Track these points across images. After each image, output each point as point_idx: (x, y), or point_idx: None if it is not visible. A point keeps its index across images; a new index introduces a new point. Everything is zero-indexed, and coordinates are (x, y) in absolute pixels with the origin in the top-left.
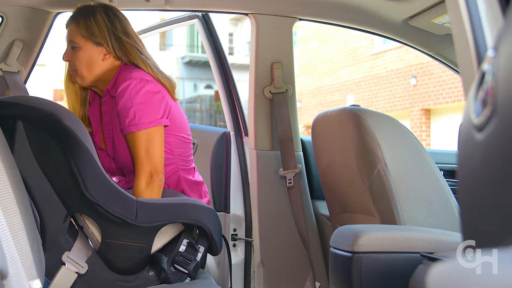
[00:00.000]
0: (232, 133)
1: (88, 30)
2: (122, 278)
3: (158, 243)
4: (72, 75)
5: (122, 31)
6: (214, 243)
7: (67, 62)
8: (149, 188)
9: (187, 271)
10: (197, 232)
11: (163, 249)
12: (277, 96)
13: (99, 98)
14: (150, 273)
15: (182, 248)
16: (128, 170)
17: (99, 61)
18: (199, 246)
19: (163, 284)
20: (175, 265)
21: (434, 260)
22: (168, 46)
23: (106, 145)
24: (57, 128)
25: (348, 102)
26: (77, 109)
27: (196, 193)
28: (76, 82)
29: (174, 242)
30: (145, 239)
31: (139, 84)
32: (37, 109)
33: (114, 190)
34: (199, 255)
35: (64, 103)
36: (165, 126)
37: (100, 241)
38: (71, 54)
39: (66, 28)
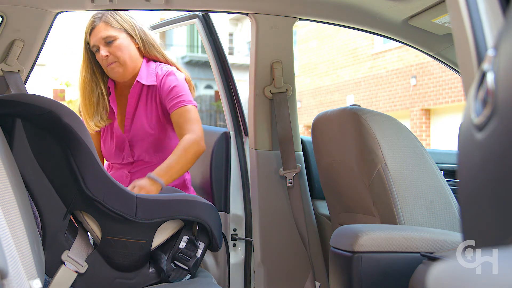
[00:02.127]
0: (232, 133)
1: (118, 22)
2: (123, 275)
3: (158, 239)
4: (113, 67)
5: (141, 27)
6: (214, 240)
7: (84, 65)
8: (195, 145)
9: (187, 268)
10: (197, 228)
11: (163, 246)
12: (277, 96)
13: (114, 86)
14: (150, 270)
15: (182, 244)
16: (142, 148)
17: (133, 48)
18: (199, 242)
19: (164, 283)
20: (175, 261)
21: (434, 260)
22: (168, 46)
23: (124, 126)
24: (56, 125)
25: (348, 102)
26: (95, 105)
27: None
28: (118, 73)
29: (174, 238)
30: (145, 235)
31: (177, 73)
32: (36, 106)
33: (113, 186)
34: (199, 252)
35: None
36: None
37: (100, 238)
38: (108, 49)
39: (91, 31)
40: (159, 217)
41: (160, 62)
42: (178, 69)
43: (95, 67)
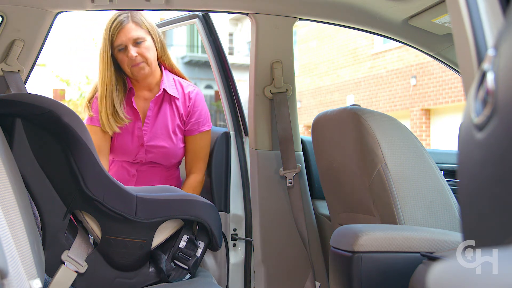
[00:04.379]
0: (232, 133)
1: (145, 24)
2: (123, 275)
3: (158, 239)
4: (141, 67)
5: (160, 33)
6: (214, 239)
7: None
8: (201, 185)
9: (187, 267)
10: (197, 228)
11: (163, 245)
12: (277, 96)
13: (133, 90)
14: (150, 270)
15: (182, 244)
16: (157, 152)
17: (156, 52)
18: (199, 242)
19: (163, 283)
20: (175, 261)
21: (434, 259)
22: (168, 46)
23: (143, 128)
24: (56, 125)
25: (348, 102)
26: (115, 94)
27: None
28: (143, 74)
29: (174, 238)
30: (145, 235)
31: (201, 93)
32: (36, 106)
33: (113, 186)
34: (199, 251)
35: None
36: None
37: (100, 238)
38: (137, 49)
39: (119, 30)
40: (159, 217)
41: (173, 73)
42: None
43: (115, 66)
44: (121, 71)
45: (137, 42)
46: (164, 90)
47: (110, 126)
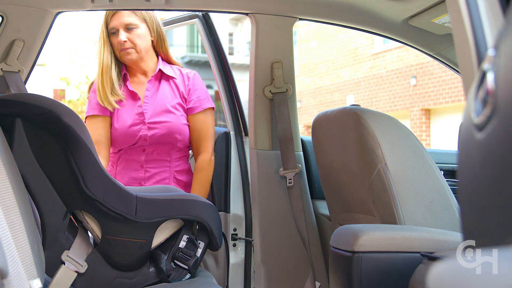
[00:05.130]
0: (232, 133)
1: (143, 13)
2: (123, 275)
3: (158, 239)
4: (129, 52)
5: (159, 22)
6: (214, 239)
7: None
8: (210, 165)
9: (187, 267)
10: (197, 227)
11: (163, 245)
12: (277, 96)
13: (127, 75)
14: (150, 270)
15: (182, 244)
16: (162, 135)
17: (149, 40)
18: (199, 241)
19: (163, 283)
20: (175, 261)
21: (434, 259)
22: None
23: (144, 104)
24: (56, 125)
25: (348, 102)
26: (113, 78)
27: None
28: (130, 59)
29: (174, 238)
30: (145, 235)
31: (199, 75)
32: (36, 106)
33: (113, 186)
34: (199, 251)
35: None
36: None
37: (100, 238)
38: (128, 35)
39: (114, 14)
40: (159, 217)
41: (170, 62)
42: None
43: (112, 49)
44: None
45: (128, 28)
46: (161, 70)
47: (109, 101)
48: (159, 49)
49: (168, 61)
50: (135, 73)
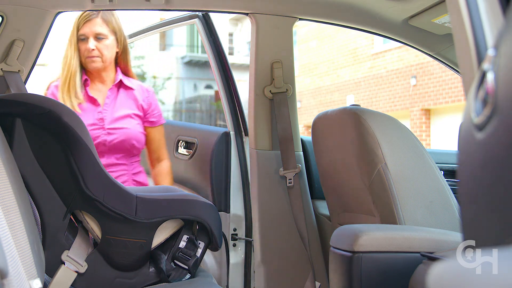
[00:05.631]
0: (232, 133)
1: (112, 24)
2: (123, 275)
3: (158, 239)
4: (94, 60)
5: (125, 34)
6: (214, 239)
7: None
8: (170, 170)
9: (187, 267)
10: (197, 227)
11: (163, 245)
12: (277, 96)
13: (88, 81)
14: (150, 270)
15: (182, 244)
16: (121, 142)
17: (115, 51)
18: (199, 242)
19: (163, 283)
20: (175, 261)
21: (434, 259)
22: (168, 46)
23: (104, 115)
24: (56, 125)
25: (348, 102)
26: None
27: None
28: (96, 67)
29: (174, 238)
30: (145, 235)
31: None
32: (36, 106)
33: (113, 186)
34: (199, 251)
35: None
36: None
37: (100, 238)
38: (97, 44)
39: (86, 22)
40: (159, 217)
41: (128, 75)
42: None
43: (79, 54)
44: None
45: (98, 37)
46: (121, 80)
47: (72, 105)
48: (121, 61)
49: (127, 73)
50: (94, 80)
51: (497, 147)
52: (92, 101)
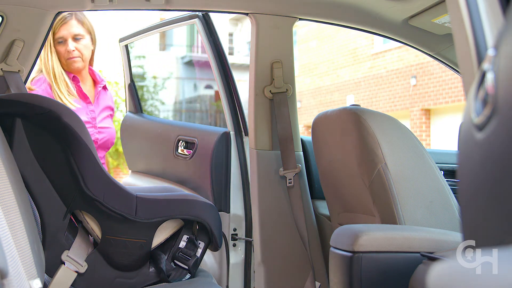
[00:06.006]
0: (232, 133)
1: (87, 24)
2: (123, 275)
3: (158, 239)
4: (75, 61)
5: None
6: (214, 239)
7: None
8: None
9: (187, 267)
10: (197, 227)
11: (163, 245)
12: (277, 95)
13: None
14: (150, 270)
15: (182, 244)
16: (107, 140)
17: (91, 50)
18: (199, 242)
19: (163, 283)
20: (175, 261)
21: (434, 259)
22: (168, 46)
23: (94, 108)
24: (56, 125)
25: (348, 102)
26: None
27: None
28: (77, 67)
29: (174, 238)
30: (145, 235)
31: None
32: (36, 106)
33: (113, 186)
34: (199, 251)
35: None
36: None
37: (100, 238)
38: (76, 44)
39: (62, 24)
40: (159, 217)
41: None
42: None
43: (57, 56)
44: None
45: (76, 38)
46: (104, 85)
47: (69, 101)
48: (92, 59)
49: (93, 71)
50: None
51: (497, 147)
52: (85, 97)
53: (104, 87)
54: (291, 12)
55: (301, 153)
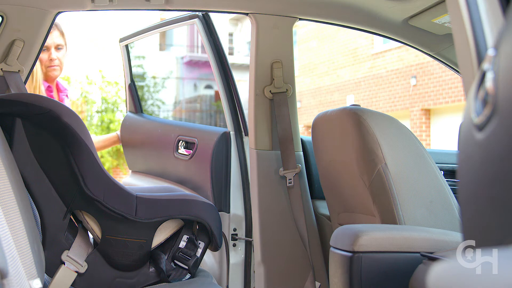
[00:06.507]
0: (232, 133)
1: (65, 36)
2: (123, 275)
3: (158, 238)
4: (55, 69)
5: None
6: (214, 239)
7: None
8: None
9: (187, 267)
10: (197, 227)
11: (163, 245)
12: (277, 95)
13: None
14: (150, 269)
15: (182, 244)
16: None
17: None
18: (199, 241)
19: (163, 283)
20: (175, 261)
21: (434, 259)
22: (168, 46)
23: None
24: (56, 125)
25: (348, 102)
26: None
27: None
28: (56, 74)
29: (174, 238)
30: (145, 235)
31: None
32: (36, 106)
33: (113, 186)
34: (199, 251)
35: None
36: None
37: (100, 238)
38: (57, 54)
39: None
40: (159, 217)
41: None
42: None
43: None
44: None
45: (58, 48)
46: (66, 90)
47: None
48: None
49: None
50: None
51: (497, 147)
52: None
53: (66, 96)
54: (291, 12)
55: (301, 153)
